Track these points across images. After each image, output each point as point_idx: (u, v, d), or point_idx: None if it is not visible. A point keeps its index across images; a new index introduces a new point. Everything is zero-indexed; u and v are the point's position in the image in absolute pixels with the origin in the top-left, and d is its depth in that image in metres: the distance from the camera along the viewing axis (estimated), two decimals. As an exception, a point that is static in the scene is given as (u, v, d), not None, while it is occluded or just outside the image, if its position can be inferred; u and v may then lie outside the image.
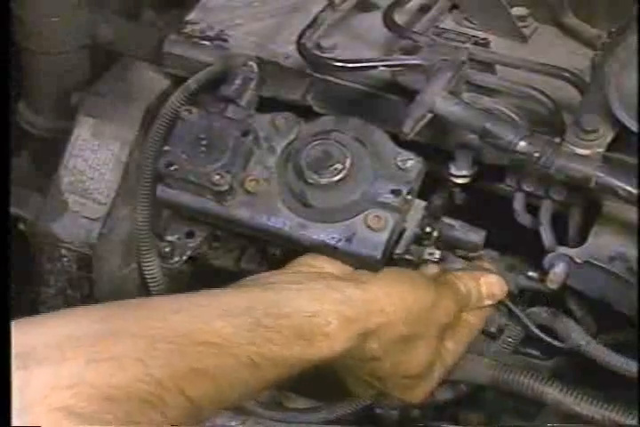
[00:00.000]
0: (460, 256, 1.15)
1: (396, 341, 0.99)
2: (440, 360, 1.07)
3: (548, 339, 1.14)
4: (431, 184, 1.14)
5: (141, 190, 1.17)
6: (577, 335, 1.13)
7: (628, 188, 0.99)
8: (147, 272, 1.18)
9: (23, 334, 0.78)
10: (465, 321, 1.10)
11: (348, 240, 1.06)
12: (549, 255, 1.09)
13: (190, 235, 1.17)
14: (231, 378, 0.87)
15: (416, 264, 1.12)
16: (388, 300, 0.98)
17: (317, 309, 0.93)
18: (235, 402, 0.93)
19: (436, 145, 1.13)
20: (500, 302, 1.15)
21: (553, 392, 1.10)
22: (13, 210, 1.29)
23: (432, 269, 1.12)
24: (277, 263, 1.09)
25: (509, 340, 1.18)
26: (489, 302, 1.12)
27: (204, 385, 0.84)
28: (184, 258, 1.17)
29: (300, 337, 0.91)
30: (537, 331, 1.15)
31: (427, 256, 1.12)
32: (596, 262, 1.07)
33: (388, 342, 0.99)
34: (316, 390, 1.21)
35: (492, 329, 1.19)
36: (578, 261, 1.07)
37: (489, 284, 1.11)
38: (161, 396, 0.80)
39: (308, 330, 0.91)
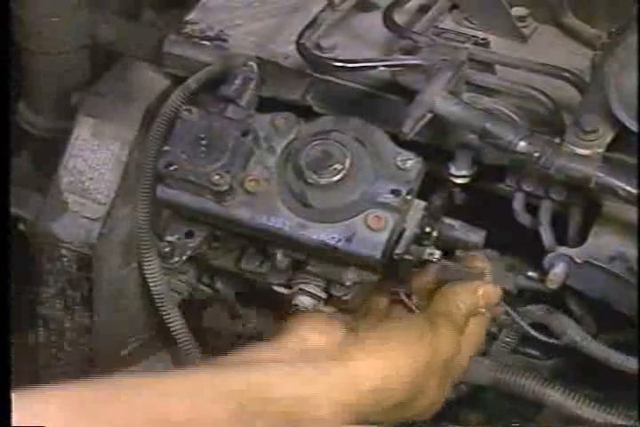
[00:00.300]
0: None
1: (396, 406, 0.96)
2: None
3: (543, 337, 1.14)
4: (431, 184, 1.14)
5: (141, 190, 1.17)
6: (572, 332, 1.13)
7: (628, 188, 0.99)
8: (147, 272, 1.18)
9: None
10: (466, 335, 1.07)
11: (348, 240, 1.06)
12: (549, 255, 1.09)
13: (190, 235, 1.17)
14: None
15: (415, 264, 1.12)
16: (380, 374, 0.93)
17: (306, 393, 0.89)
18: None
19: (436, 145, 1.13)
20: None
21: (554, 395, 1.10)
22: (13, 210, 1.29)
23: (427, 277, 1.10)
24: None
25: (507, 339, 1.18)
26: (485, 311, 1.10)
27: None
28: (184, 258, 1.17)
29: (287, 423, 0.87)
30: (530, 329, 1.14)
31: (427, 256, 1.12)
32: (596, 262, 1.07)
33: (387, 410, 0.95)
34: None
35: (492, 329, 1.19)
36: (578, 261, 1.08)
37: (486, 294, 1.09)
38: None
39: (295, 416, 0.87)
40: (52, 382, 0.81)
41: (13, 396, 0.77)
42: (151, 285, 1.18)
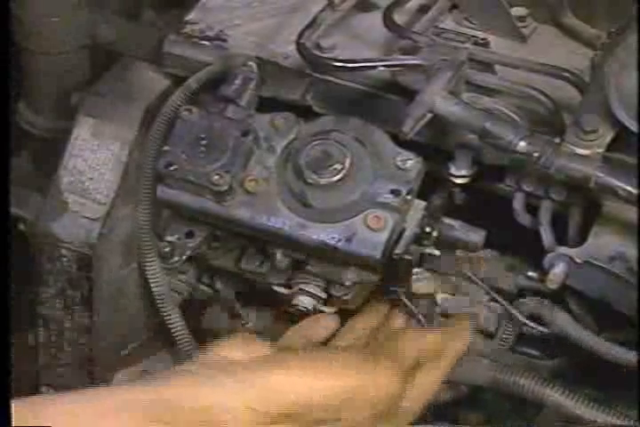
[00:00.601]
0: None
1: (307, 424, 0.94)
2: None
3: (533, 324, 1.14)
4: (431, 184, 1.14)
5: (142, 190, 1.17)
6: (562, 321, 1.12)
7: (628, 188, 0.99)
8: (148, 272, 1.18)
9: None
10: (418, 384, 1.06)
11: (348, 240, 1.06)
12: (549, 255, 1.09)
13: (190, 235, 1.17)
14: None
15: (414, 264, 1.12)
16: (294, 389, 0.92)
17: (220, 400, 0.89)
18: None
19: (435, 145, 1.13)
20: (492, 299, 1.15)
21: (554, 395, 1.10)
22: (13, 210, 1.29)
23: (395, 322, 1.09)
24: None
25: (504, 336, 1.18)
26: (448, 359, 1.09)
27: None
28: (184, 258, 1.17)
29: None
30: (521, 317, 1.14)
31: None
32: (595, 262, 1.07)
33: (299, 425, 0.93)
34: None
35: (491, 328, 1.19)
36: (578, 261, 1.07)
37: (442, 344, 1.08)
38: None
39: (209, 423, 0.87)
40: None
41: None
42: (152, 285, 1.18)
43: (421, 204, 1.12)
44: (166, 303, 1.19)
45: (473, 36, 1.18)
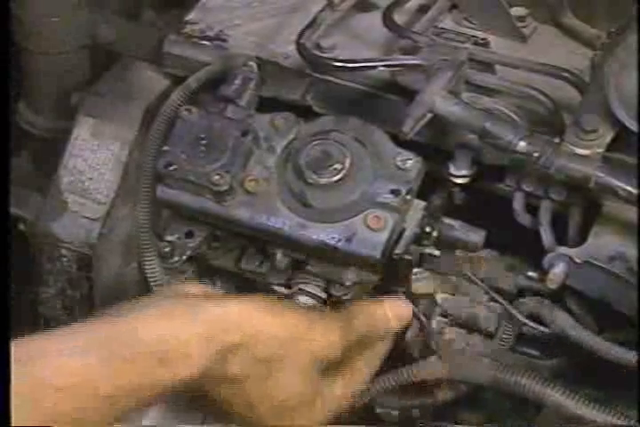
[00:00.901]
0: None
1: (257, 362, 0.96)
2: (322, 395, 1.03)
3: (533, 324, 1.14)
4: (431, 184, 1.14)
5: (142, 190, 1.17)
6: (561, 320, 1.12)
7: (628, 188, 0.99)
8: (148, 272, 1.18)
9: None
10: (367, 350, 1.08)
11: (348, 240, 1.06)
12: (549, 255, 1.09)
13: (190, 235, 1.16)
14: (91, 415, 0.86)
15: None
16: (247, 319, 0.95)
17: (173, 330, 0.91)
18: None
19: (435, 145, 1.13)
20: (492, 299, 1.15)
21: (554, 395, 1.10)
22: (13, 210, 1.29)
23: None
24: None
25: (504, 336, 1.18)
26: (396, 324, 1.09)
27: None
28: (184, 258, 1.17)
29: (158, 362, 0.89)
30: (521, 317, 1.14)
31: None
32: (595, 262, 1.07)
33: (248, 363, 0.96)
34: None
35: (491, 328, 1.19)
36: (578, 261, 1.07)
37: (393, 307, 1.09)
38: None
39: (165, 353, 0.90)
40: None
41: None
42: (152, 285, 1.18)
43: (421, 204, 1.12)
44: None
45: (473, 36, 1.18)
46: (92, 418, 0.87)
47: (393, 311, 1.09)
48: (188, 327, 0.92)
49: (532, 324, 1.14)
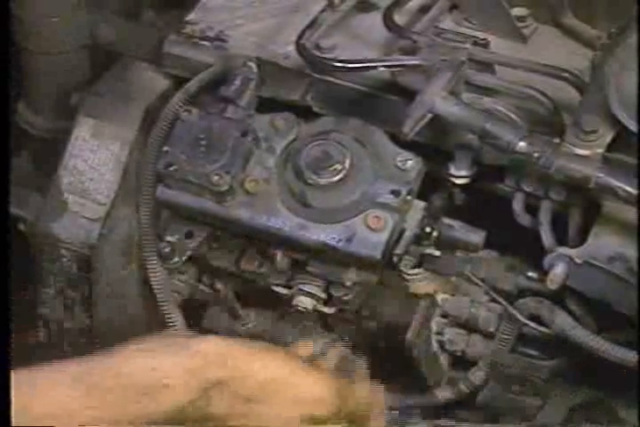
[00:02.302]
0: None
1: (239, 401, 0.96)
2: None
3: (533, 324, 1.14)
4: (431, 184, 1.14)
5: (144, 192, 1.17)
6: (561, 321, 1.12)
7: (628, 188, 0.99)
8: (150, 273, 1.18)
9: None
10: None
11: (348, 240, 1.06)
12: (549, 256, 1.09)
13: (190, 235, 1.17)
14: None
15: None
16: (229, 356, 0.95)
17: (157, 363, 0.92)
18: None
19: (435, 145, 1.13)
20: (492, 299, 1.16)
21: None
22: (13, 210, 1.29)
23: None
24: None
25: (504, 336, 1.18)
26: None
27: None
28: (184, 258, 1.17)
29: (141, 393, 0.90)
30: (521, 317, 1.14)
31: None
32: (595, 263, 1.07)
33: (230, 401, 0.95)
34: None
35: (491, 329, 1.19)
36: (578, 261, 1.07)
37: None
38: None
39: (148, 385, 0.91)
40: None
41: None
42: (154, 285, 1.18)
43: (421, 204, 1.12)
44: (167, 303, 1.19)
45: (473, 37, 1.18)
46: None
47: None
48: (171, 360, 0.93)
49: (532, 324, 1.14)
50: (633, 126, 1.00)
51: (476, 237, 1.13)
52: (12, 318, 0.86)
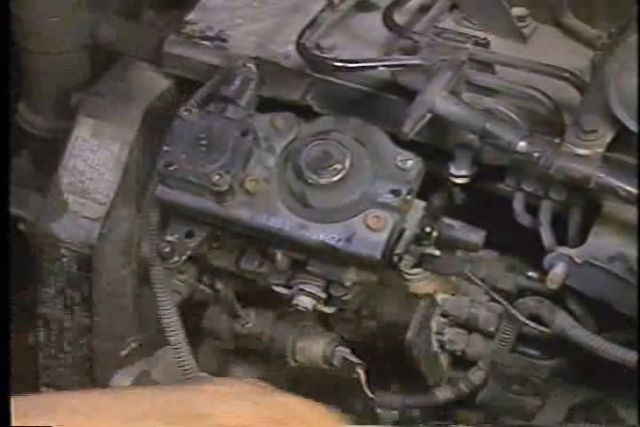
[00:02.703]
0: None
1: None
2: None
3: (533, 324, 1.14)
4: (431, 184, 1.14)
5: (151, 194, 1.17)
6: (561, 320, 1.12)
7: (628, 188, 0.99)
8: (154, 275, 1.18)
9: None
10: None
11: (348, 240, 1.06)
12: (549, 255, 1.09)
13: (190, 235, 1.16)
14: None
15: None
16: (309, 412, 0.93)
17: (241, 411, 0.89)
18: None
19: (435, 145, 1.13)
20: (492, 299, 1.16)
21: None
22: (13, 210, 1.29)
23: None
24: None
25: (504, 336, 1.18)
26: None
27: None
28: (184, 258, 1.17)
29: None
30: (521, 317, 1.14)
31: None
32: (595, 262, 1.07)
33: None
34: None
35: (491, 328, 1.19)
36: (578, 261, 1.08)
37: None
38: None
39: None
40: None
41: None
42: (156, 286, 1.18)
43: (421, 204, 1.12)
44: (166, 304, 1.18)
45: (473, 36, 1.18)
46: None
47: None
48: (255, 409, 0.90)
49: (532, 324, 1.14)
50: (633, 126, 1.00)
51: (476, 236, 1.13)
52: (11, 318, 0.86)
